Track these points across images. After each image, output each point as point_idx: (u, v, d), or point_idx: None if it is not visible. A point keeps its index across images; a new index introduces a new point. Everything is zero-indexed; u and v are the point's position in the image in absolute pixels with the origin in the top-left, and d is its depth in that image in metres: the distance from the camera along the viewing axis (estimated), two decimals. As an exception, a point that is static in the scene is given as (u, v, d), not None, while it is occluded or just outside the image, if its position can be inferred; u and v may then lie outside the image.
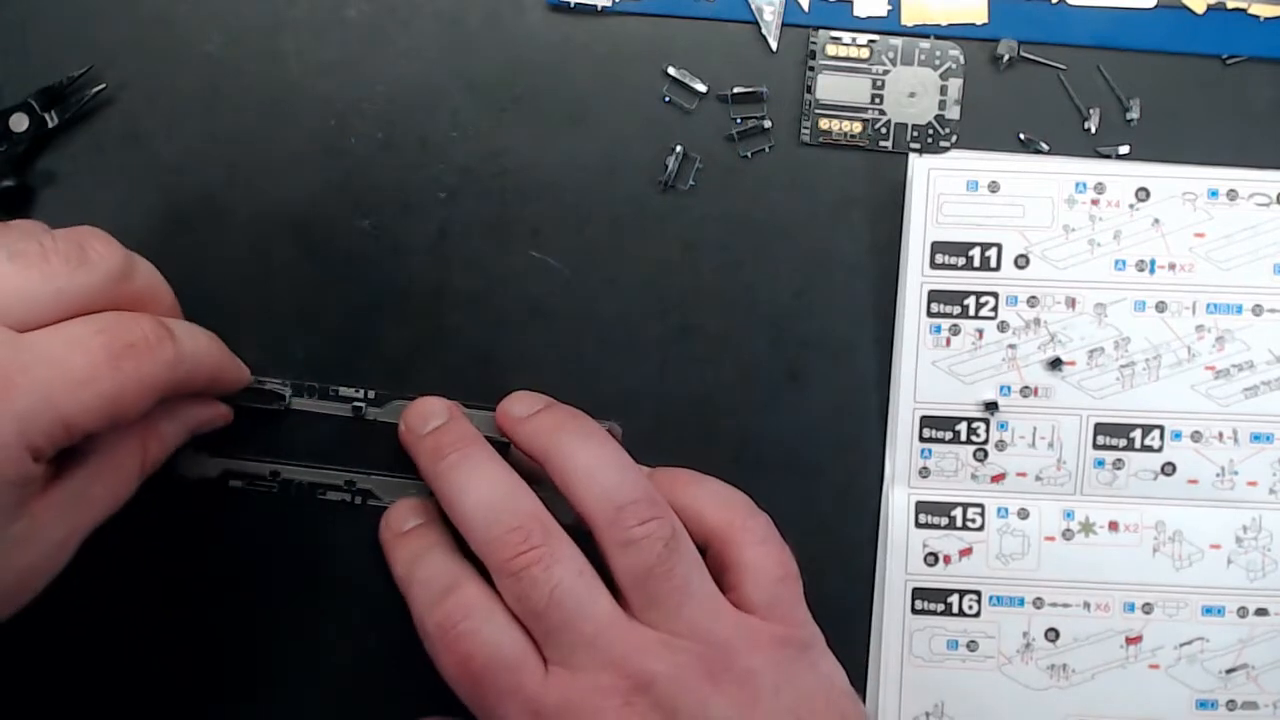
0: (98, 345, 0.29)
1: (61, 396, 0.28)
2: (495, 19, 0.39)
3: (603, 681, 0.32)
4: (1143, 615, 0.39)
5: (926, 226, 0.39)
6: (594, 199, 0.39)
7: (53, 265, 0.30)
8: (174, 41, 0.38)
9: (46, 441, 0.28)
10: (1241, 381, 0.39)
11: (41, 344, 0.29)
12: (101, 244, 0.31)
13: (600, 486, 0.34)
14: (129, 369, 0.30)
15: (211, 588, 0.38)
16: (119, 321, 0.30)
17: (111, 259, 0.31)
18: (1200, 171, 0.38)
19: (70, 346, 0.29)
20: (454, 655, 0.33)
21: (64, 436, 0.29)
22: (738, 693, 0.33)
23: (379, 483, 0.38)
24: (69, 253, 0.30)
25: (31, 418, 0.28)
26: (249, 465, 0.38)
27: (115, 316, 0.30)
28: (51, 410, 0.28)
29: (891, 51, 0.39)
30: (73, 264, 0.30)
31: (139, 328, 0.30)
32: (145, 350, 0.30)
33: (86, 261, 0.30)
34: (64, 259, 0.30)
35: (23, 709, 0.38)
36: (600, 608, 0.33)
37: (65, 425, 0.28)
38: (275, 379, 0.38)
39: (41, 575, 0.30)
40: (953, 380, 0.39)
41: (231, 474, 0.38)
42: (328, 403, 0.38)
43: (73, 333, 0.29)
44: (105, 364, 0.29)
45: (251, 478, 0.38)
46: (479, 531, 0.34)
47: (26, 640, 0.37)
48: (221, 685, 0.38)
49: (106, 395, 0.29)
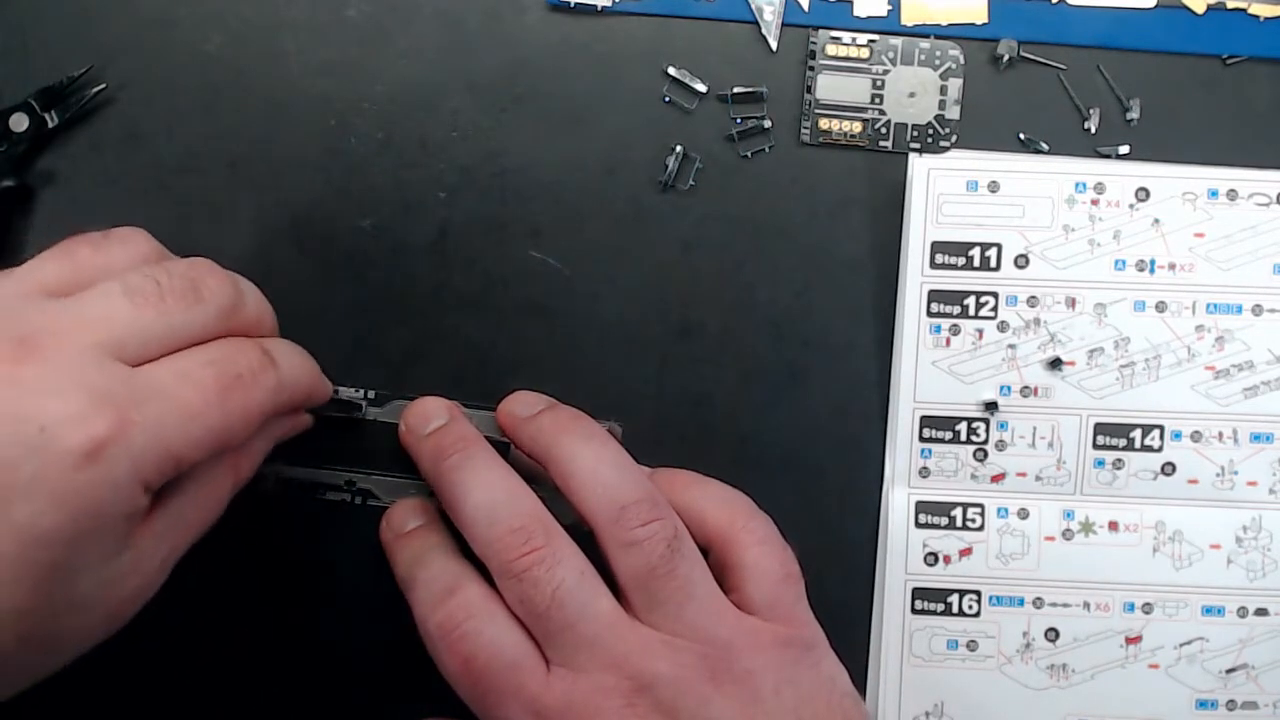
0: (208, 378, 0.29)
1: (173, 432, 0.28)
2: (495, 19, 0.39)
3: (605, 682, 0.32)
4: (1143, 615, 0.39)
5: (926, 226, 0.39)
6: (594, 199, 0.39)
7: (169, 304, 0.30)
8: (174, 41, 0.38)
9: (157, 476, 0.28)
10: (1241, 381, 0.39)
11: (154, 379, 0.29)
12: (215, 279, 0.31)
13: (602, 487, 0.34)
14: (236, 399, 0.30)
15: (210, 587, 0.38)
16: (226, 353, 0.31)
17: (224, 294, 0.31)
18: (1200, 171, 0.38)
19: (182, 381, 0.29)
20: (456, 656, 0.33)
21: (173, 470, 0.29)
22: (739, 693, 0.33)
23: (379, 483, 0.38)
24: (185, 291, 0.30)
25: (145, 454, 0.28)
26: None
27: (222, 346, 0.31)
28: (164, 445, 0.28)
29: (891, 51, 0.39)
30: (189, 302, 0.30)
31: (245, 358, 0.31)
32: (251, 380, 0.31)
33: (201, 300, 0.30)
34: (180, 297, 0.30)
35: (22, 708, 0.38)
36: (602, 608, 0.33)
37: (176, 459, 0.29)
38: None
39: (140, 598, 0.30)
40: (953, 380, 0.39)
41: None
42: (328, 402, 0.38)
43: (183, 366, 0.29)
44: (215, 397, 0.29)
45: (251, 478, 0.38)
46: (481, 532, 0.34)
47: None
48: (220, 685, 0.38)
49: (215, 427, 0.29)
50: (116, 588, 0.29)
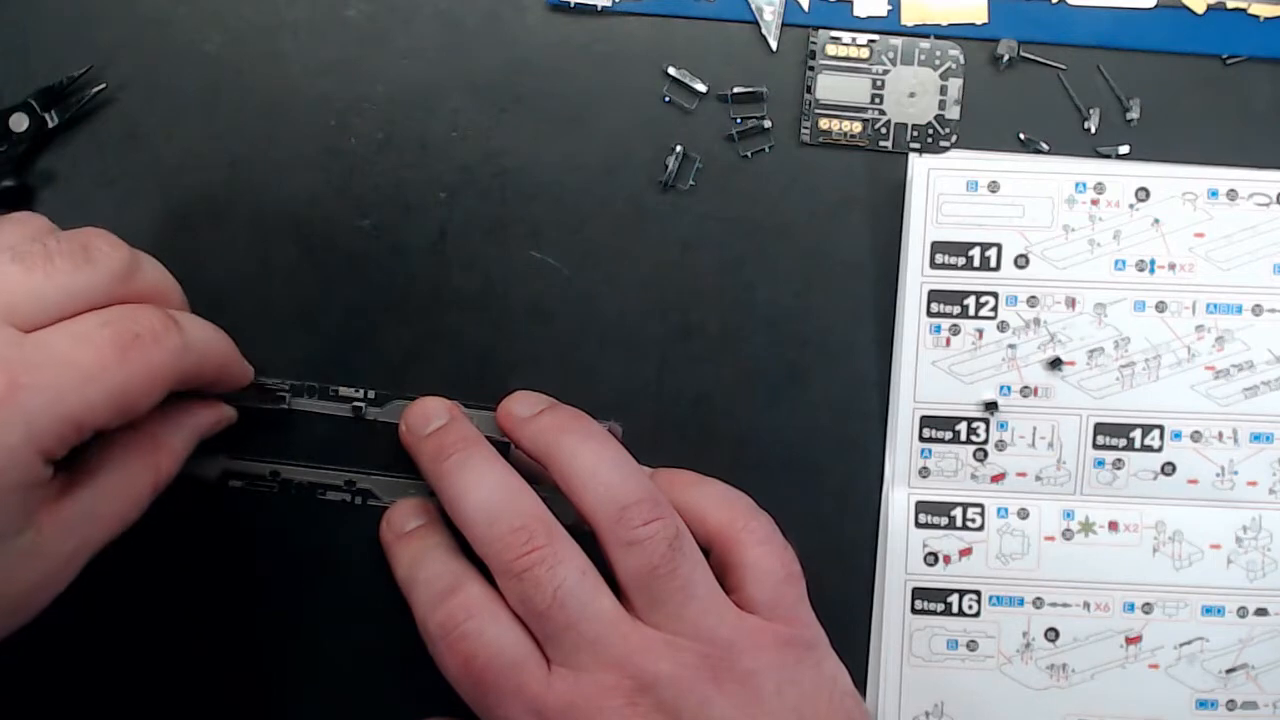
0: (104, 339, 0.29)
1: (70, 394, 0.28)
2: (495, 19, 0.39)
3: (606, 682, 0.32)
4: (1143, 615, 0.39)
5: (926, 226, 0.39)
6: (594, 199, 0.39)
7: (57, 265, 0.29)
8: (174, 41, 0.38)
9: (56, 442, 0.28)
10: (1241, 381, 0.39)
11: (48, 342, 0.28)
12: (106, 243, 0.31)
13: (603, 487, 0.34)
14: (136, 360, 0.29)
15: (210, 587, 0.38)
16: (124, 314, 0.30)
17: (116, 256, 0.31)
18: (1200, 171, 0.38)
19: (77, 342, 0.29)
20: (457, 656, 0.33)
21: (74, 435, 0.28)
22: (740, 693, 0.33)
23: (379, 483, 0.38)
24: (73, 252, 0.30)
25: (40, 418, 0.27)
26: (249, 465, 0.38)
27: (120, 309, 0.30)
28: (61, 408, 0.28)
29: (891, 51, 0.39)
30: (78, 262, 0.30)
31: (145, 319, 0.30)
32: (152, 340, 0.30)
33: (91, 260, 0.30)
34: (69, 258, 0.30)
35: (19, 708, 0.38)
36: (603, 608, 0.33)
37: (75, 423, 0.28)
38: (275, 379, 0.38)
39: (46, 591, 0.30)
40: (953, 380, 0.39)
41: (231, 474, 0.38)
42: (328, 403, 0.38)
43: (79, 329, 0.29)
44: (113, 357, 0.29)
45: (251, 478, 0.38)
46: (481, 532, 0.34)
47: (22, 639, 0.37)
48: (220, 685, 0.38)
49: (115, 389, 0.29)
50: (18, 573, 0.29)
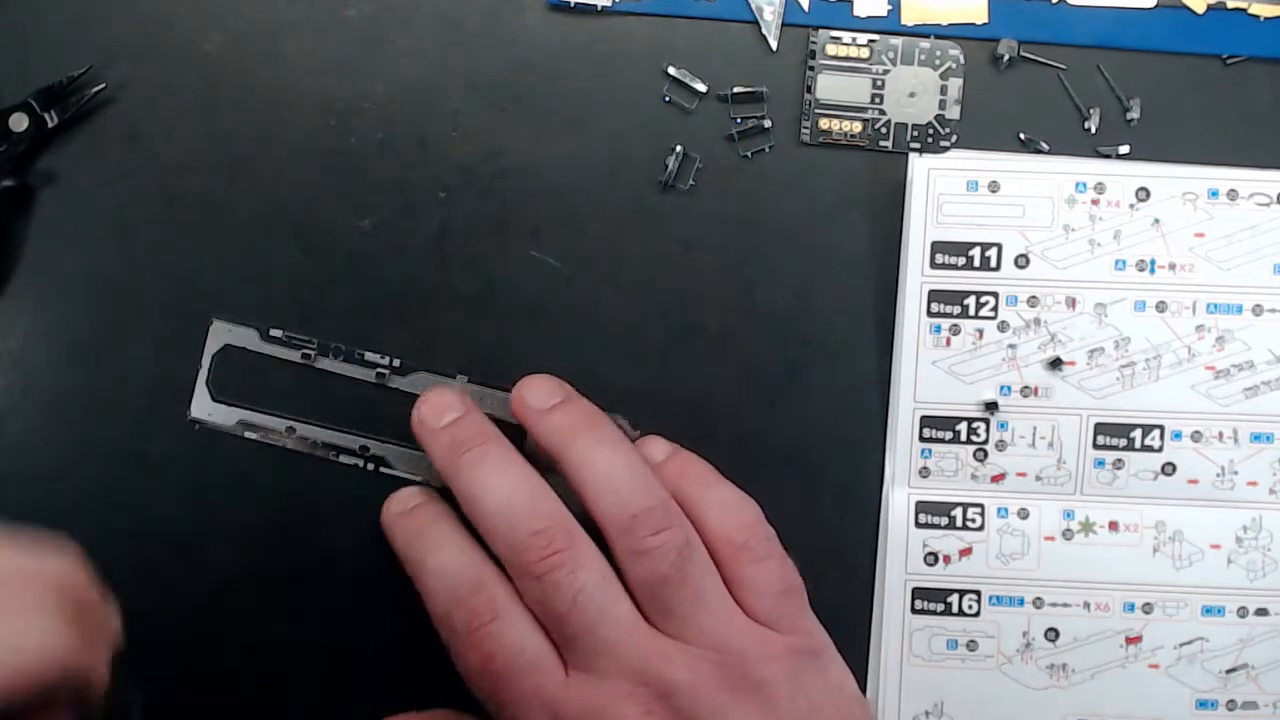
0: None
1: None
2: (495, 19, 0.39)
3: (623, 688, 0.32)
4: (1143, 615, 0.39)
5: (926, 226, 0.39)
6: (594, 199, 0.39)
7: None
8: (174, 41, 0.38)
9: None
10: (1241, 381, 0.39)
11: None
12: None
13: (614, 494, 0.34)
14: None
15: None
16: None
17: None
18: (1200, 171, 0.38)
19: None
20: (477, 654, 0.33)
21: None
22: (755, 701, 0.33)
23: (393, 451, 0.38)
24: None
25: None
26: (266, 419, 0.38)
27: None
28: None
29: (891, 51, 0.39)
30: None
31: None
32: None
33: None
34: None
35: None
36: (623, 614, 0.33)
37: None
38: (303, 335, 0.37)
39: None
40: (953, 380, 0.39)
41: (247, 425, 0.38)
42: (352, 365, 0.38)
43: None
44: None
45: (267, 430, 0.38)
46: (501, 533, 0.33)
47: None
48: (222, 672, 0.38)
49: None
50: None
